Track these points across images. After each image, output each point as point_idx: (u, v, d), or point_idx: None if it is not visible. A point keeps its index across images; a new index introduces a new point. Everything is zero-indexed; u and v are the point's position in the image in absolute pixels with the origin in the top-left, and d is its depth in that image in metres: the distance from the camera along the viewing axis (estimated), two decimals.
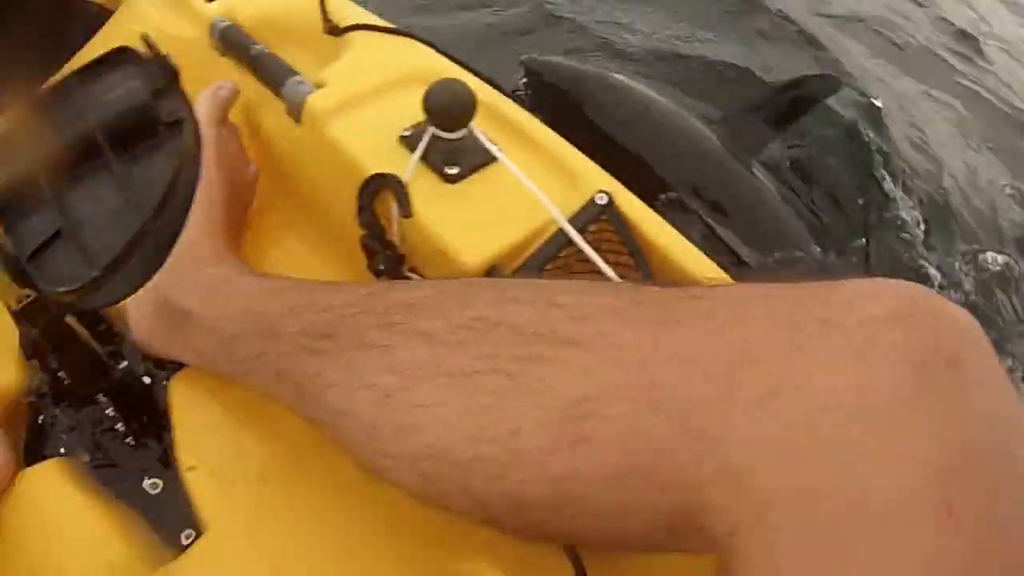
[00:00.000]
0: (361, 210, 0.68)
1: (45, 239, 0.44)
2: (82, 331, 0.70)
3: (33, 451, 0.73)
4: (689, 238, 0.70)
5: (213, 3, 0.98)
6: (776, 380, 0.31)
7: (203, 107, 0.77)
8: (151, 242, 0.45)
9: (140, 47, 0.55)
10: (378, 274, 0.68)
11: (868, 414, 0.29)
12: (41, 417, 0.77)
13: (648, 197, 0.72)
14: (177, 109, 0.48)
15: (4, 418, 0.73)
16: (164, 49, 0.62)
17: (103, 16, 1.23)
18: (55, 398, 0.79)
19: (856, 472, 0.29)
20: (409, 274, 0.69)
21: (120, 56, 0.52)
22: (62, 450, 0.73)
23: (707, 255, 0.69)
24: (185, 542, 0.64)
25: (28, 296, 0.61)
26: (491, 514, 0.43)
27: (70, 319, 0.68)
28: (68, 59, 1.06)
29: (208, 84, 0.80)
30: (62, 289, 0.42)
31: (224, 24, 0.89)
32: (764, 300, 0.35)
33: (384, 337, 0.46)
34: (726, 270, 0.68)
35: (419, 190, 0.68)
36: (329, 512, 0.59)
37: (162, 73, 0.50)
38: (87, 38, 1.13)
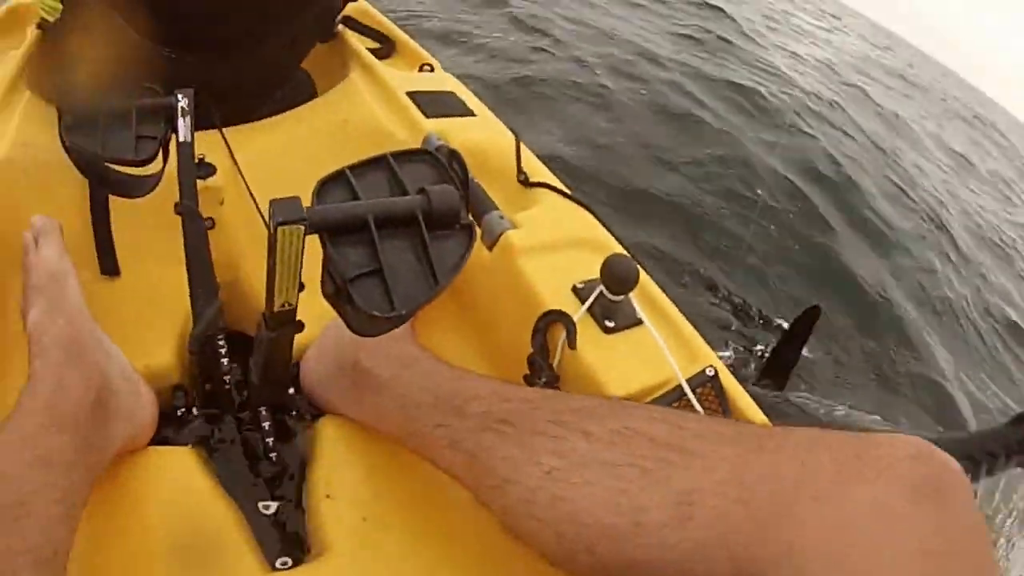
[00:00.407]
0: (535, 333, 0.83)
1: (364, 271, 0.57)
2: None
3: (161, 432, 0.83)
4: None
5: (430, 120, 1.18)
6: (825, 490, 0.47)
7: None
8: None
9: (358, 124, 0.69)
10: (532, 385, 0.82)
11: (884, 516, 0.45)
12: (181, 410, 0.88)
13: None
14: (467, 218, 0.64)
15: (156, 390, 0.84)
16: (369, 135, 0.79)
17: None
18: (198, 397, 0.89)
19: (873, 552, 0.44)
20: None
21: (429, 156, 0.68)
22: (188, 444, 0.83)
23: None
24: (280, 567, 0.72)
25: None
26: (605, 572, 0.56)
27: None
28: (287, 108, 1.26)
29: None
30: (373, 313, 0.55)
31: (440, 143, 1.08)
32: (821, 440, 0.51)
33: (555, 429, 0.61)
34: None
35: (582, 332, 0.83)
36: (444, 565, 0.68)
37: (461, 186, 0.66)
38: (305, 98, 1.33)
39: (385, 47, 1.57)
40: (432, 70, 1.47)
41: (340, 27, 1.53)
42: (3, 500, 0.57)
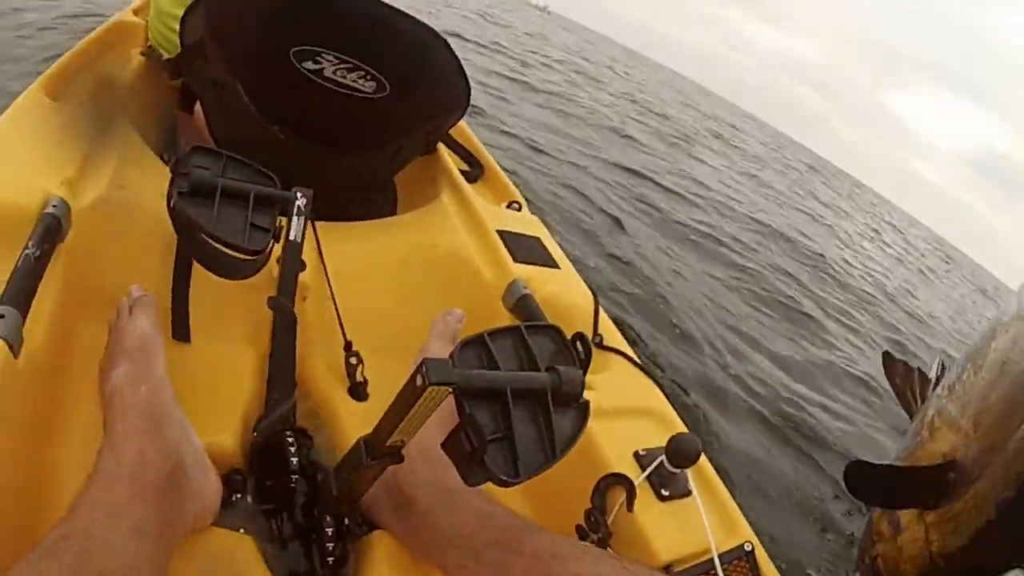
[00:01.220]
0: (596, 491, 0.89)
1: (496, 436, 0.62)
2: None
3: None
4: None
5: (517, 266, 1.22)
6: None
7: (439, 326, 0.96)
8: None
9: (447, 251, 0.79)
10: (584, 538, 0.88)
11: None
12: (236, 495, 0.89)
13: None
14: (583, 397, 0.69)
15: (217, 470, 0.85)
16: (457, 264, 0.83)
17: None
18: (254, 485, 0.90)
19: None
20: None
21: (556, 332, 0.74)
22: (241, 530, 0.83)
23: None
24: None
25: None
26: None
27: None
28: (371, 216, 1.30)
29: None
30: (500, 477, 0.59)
31: (524, 291, 1.14)
32: None
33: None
34: None
35: (639, 496, 0.88)
36: None
37: (582, 365, 0.71)
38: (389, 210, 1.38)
39: (475, 171, 1.64)
40: (519, 208, 1.53)
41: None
42: (110, 567, 0.58)
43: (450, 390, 0.61)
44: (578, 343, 0.74)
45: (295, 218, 1.01)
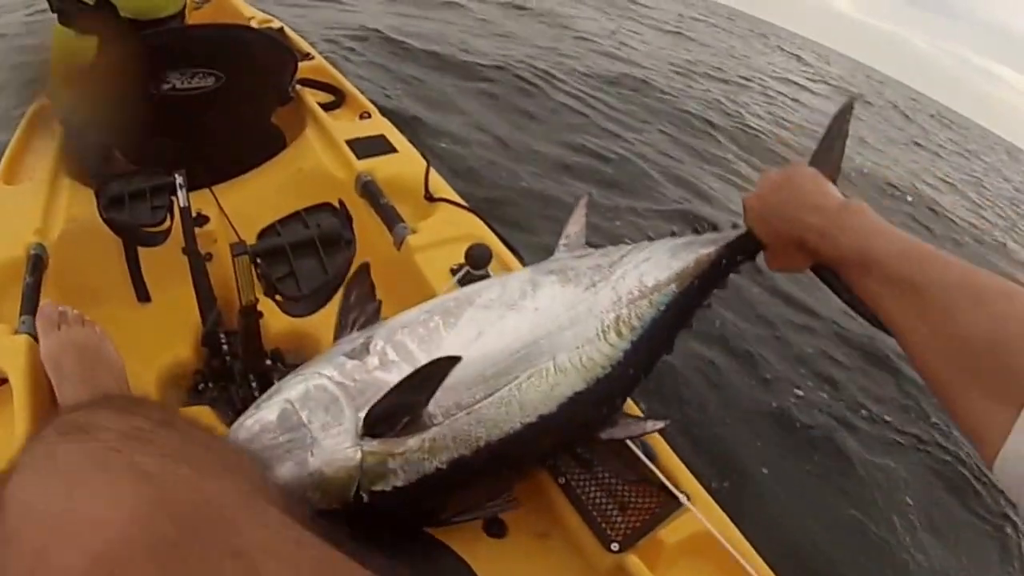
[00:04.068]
0: None
1: (285, 274, 0.99)
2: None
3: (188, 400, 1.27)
4: None
5: (361, 161, 1.60)
6: None
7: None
8: (324, 293, 1.01)
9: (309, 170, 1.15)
10: None
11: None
12: (200, 385, 1.31)
13: None
14: (349, 236, 1.05)
15: (182, 374, 1.27)
16: (318, 179, 1.20)
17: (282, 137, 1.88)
18: (210, 376, 1.32)
19: None
20: None
21: (330, 206, 1.10)
22: (207, 407, 1.25)
23: None
24: None
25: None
26: None
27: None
28: (263, 161, 1.71)
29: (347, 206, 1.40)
30: (292, 298, 0.97)
31: (367, 179, 1.51)
32: None
33: None
34: None
35: None
36: None
37: (347, 222, 1.08)
38: (278, 149, 1.78)
39: (337, 98, 2.01)
40: (370, 116, 1.90)
41: (298, 88, 1.97)
42: None
43: (247, 257, 0.99)
44: (344, 205, 1.10)
45: (179, 192, 1.39)
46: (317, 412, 0.82)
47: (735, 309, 2.91)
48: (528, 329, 0.92)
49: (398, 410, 0.80)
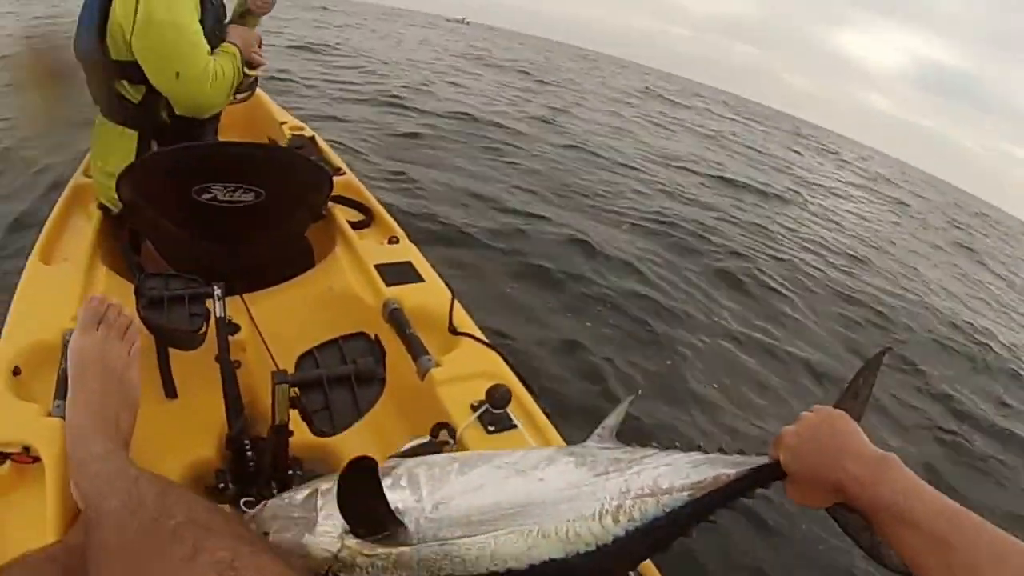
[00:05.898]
0: (431, 435, 1.29)
1: (320, 407, 1.05)
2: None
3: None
4: None
5: (389, 288, 1.68)
6: None
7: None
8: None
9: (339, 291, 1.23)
10: None
11: None
12: (221, 484, 1.33)
13: None
14: (383, 375, 1.11)
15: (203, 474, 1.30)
16: (347, 300, 1.28)
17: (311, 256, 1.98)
18: (232, 476, 1.35)
19: None
20: None
21: (366, 337, 1.17)
22: (226, 505, 1.27)
23: None
24: None
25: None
26: None
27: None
28: (294, 274, 1.79)
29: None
30: (323, 431, 1.02)
31: (394, 306, 1.58)
32: None
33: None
34: None
35: (471, 435, 1.28)
36: None
37: (382, 358, 1.14)
38: (308, 264, 1.86)
39: (367, 218, 2.11)
40: (397, 241, 2.00)
41: (329, 205, 2.08)
42: None
43: (287, 387, 1.04)
44: (379, 341, 1.16)
45: (216, 301, 1.46)
46: (329, 503, 0.96)
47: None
48: (525, 492, 0.96)
49: (378, 521, 0.90)
